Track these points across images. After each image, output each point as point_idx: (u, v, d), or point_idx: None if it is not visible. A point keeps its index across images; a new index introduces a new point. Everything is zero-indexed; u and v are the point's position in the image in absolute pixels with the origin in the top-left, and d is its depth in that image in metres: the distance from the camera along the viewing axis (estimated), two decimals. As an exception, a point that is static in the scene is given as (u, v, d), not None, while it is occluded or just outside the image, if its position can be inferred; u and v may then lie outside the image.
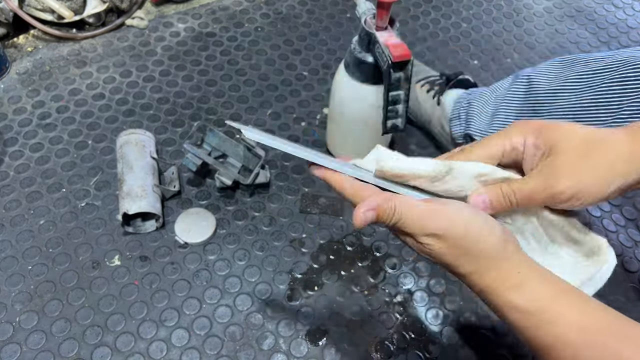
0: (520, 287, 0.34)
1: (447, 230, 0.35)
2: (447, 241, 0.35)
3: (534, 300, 0.34)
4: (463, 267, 0.36)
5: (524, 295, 0.34)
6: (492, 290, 0.36)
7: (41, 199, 0.83)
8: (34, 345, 0.69)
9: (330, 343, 0.71)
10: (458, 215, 0.35)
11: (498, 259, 0.35)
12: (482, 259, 0.35)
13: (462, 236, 0.35)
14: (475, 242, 0.35)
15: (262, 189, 0.86)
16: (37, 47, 1.04)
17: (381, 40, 0.65)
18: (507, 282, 0.35)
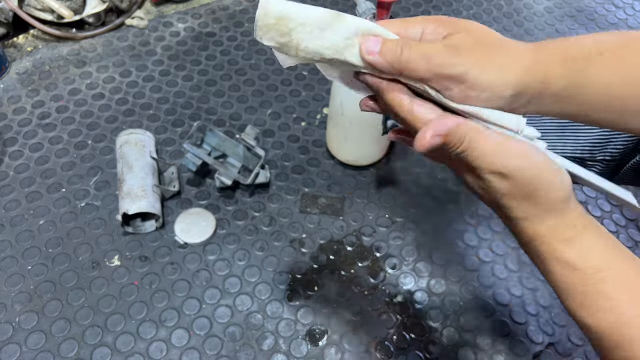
0: (573, 241, 0.33)
1: (517, 170, 0.32)
2: (513, 182, 0.32)
3: (586, 256, 0.33)
4: (519, 211, 0.34)
5: (574, 250, 0.33)
6: (542, 240, 0.34)
7: (41, 199, 0.83)
8: (34, 346, 0.69)
9: (330, 343, 0.71)
10: (532, 156, 0.32)
11: (560, 210, 0.33)
12: (543, 207, 0.33)
13: (530, 181, 0.32)
14: (543, 190, 0.33)
15: (262, 189, 0.86)
16: (37, 47, 1.04)
17: (381, 40, 0.65)
18: (561, 234, 0.34)
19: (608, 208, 0.88)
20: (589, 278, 0.33)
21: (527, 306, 0.76)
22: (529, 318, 0.75)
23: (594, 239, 0.34)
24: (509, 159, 0.32)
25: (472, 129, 0.32)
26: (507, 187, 0.33)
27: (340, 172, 0.89)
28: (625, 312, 0.32)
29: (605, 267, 0.33)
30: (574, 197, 0.34)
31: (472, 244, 0.82)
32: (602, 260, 0.33)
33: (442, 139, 0.32)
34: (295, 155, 0.91)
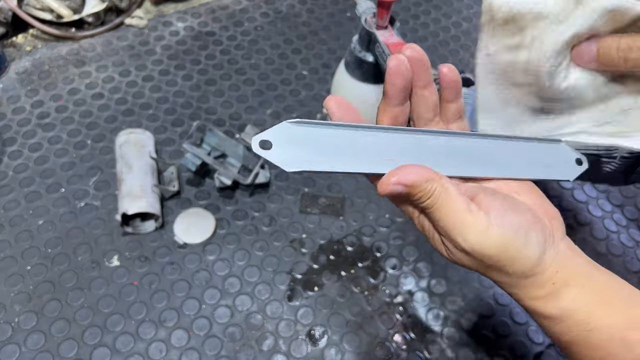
0: (552, 297, 0.32)
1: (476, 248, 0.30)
2: (473, 257, 0.31)
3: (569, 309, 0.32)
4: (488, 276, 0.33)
5: (556, 303, 0.32)
6: (521, 300, 0.34)
7: (40, 199, 0.82)
8: (33, 346, 0.69)
9: (330, 344, 0.71)
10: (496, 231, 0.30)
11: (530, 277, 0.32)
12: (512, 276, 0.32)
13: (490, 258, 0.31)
14: (506, 264, 0.31)
15: (262, 189, 0.85)
16: (36, 47, 1.04)
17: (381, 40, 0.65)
18: (538, 293, 0.33)
19: (609, 208, 0.88)
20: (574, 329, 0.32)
21: (527, 306, 0.76)
22: (529, 318, 0.75)
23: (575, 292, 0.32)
24: (469, 235, 0.30)
25: (443, 189, 0.30)
26: (469, 260, 0.32)
27: (341, 171, 0.89)
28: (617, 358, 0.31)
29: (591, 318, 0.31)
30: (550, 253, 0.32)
31: (473, 244, 0.82)
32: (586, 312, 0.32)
33: (405, 189, 0.30)
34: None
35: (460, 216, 0.30)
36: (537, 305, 0.33)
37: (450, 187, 0.31)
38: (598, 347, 0.31)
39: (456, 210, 0.30)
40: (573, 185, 0.90)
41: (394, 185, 0.30)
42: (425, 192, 0.30)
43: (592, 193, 0.89)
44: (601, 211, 0.87)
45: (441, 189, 0.30)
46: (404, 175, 0.30)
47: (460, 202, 0.30)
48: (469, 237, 0.30)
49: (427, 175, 0.30)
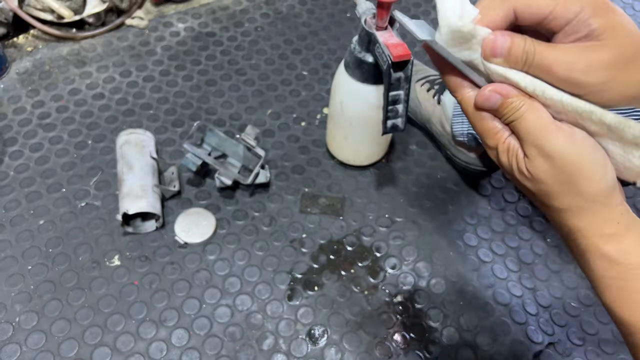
0: (616, 236, 0.33)
1: (559, 151, 0.31)
2: (554, 162, 0.32)
3: (627, 252, 0.33)
4: (559, 201, 0.33)
5: (616, 245, 0.33)
6: (582, 233, 0.34)
7: (41, 199, 0.83)
8: (34, 346, 0.69)
9: (330, 343, 0.71)
10: (579, 141, 0.32)
11: (602, 203, 0.33)
12: (583, 198, 0.32)
13: (571, 165, 0.32)
14: (584, 178, 0.32)
15: (262, 189, 0.86)
16: (37, 47, 1.04)
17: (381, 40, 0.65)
18: (602, 229, 0.33)
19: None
20: (629, 273, 0.33)
21: (527, 306, 0.76)
22: (528, 318, 0.75)
23: (637, 238, 0.33)
24: (555, 138, 0.32)
25: (531, 103, 0.32)
26: (548, 168, 0.32)
27: (340, 172, 0.89)
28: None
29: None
30: (618, 194, 0.34)
31: (472, 244, 0.82)
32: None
33: (500, 100, 0.33)
34: (295, 155, 0.91)
35: (547, 123, 0.32)
36: (599, 243, 0.33)
37: (536, 103, 0.33)
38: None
39: (543, 118, 0.32)
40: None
41: (492, 93, 0.33)
42: (516, 103, 0.32)
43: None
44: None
45: (530, 102, 0.32)
46: (499, 87, 0.33)
47: (547, 113, 0.32)
48: (555, 141, 0.32)
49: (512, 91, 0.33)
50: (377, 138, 0.82)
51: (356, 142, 0.84)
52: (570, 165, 0.32)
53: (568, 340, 0.74)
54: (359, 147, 0.85)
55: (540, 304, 0.77)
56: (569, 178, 0.32)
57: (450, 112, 0.85)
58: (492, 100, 0.33)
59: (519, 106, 0.32)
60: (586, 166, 0.32)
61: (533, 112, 0.32)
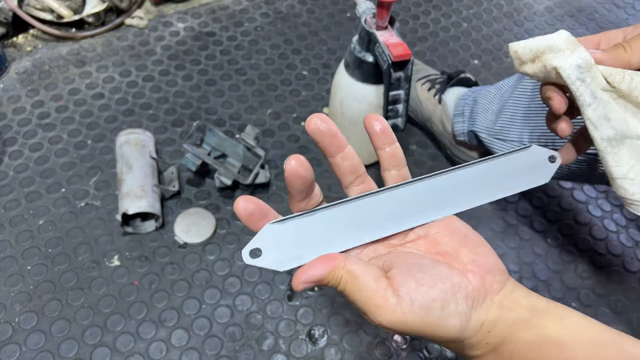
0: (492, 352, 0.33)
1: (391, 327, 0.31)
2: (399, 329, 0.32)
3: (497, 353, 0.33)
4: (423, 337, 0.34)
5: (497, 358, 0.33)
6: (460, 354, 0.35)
7: (40, 199, 0.82)
8: (34, 346, 0.69)
9: (330, 343, 0.71)
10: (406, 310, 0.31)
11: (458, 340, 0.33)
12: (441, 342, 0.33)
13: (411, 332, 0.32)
14: (431, 335, 0.32)
15: (262, 188, 0.86)
16: (37, 47, 1.04)
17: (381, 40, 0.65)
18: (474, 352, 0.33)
19: (609, 208, 0.88)
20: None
21: (527, 306, 0.76)
22: (529, 318, 0.75)
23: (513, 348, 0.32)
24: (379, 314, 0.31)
25: (347, 273, 0.32)
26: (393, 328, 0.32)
27: (340, 172, 0.89)
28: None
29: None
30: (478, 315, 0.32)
31: (472, 244, 0.82)
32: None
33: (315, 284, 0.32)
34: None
35: (369, 298, 0.31)
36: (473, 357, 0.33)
37: (357, 271, 0.32)
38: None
39: (365, 293, 0.31)
40: (573, 186, 0.90)
41: (305, 284, 0.32)
42: (333, 281, 0.32)
43: (592, 193, 0.89)
44: (601, 211, 0.88)
45: (347, 275, 0.32)
46: (311, 273, 0.32)
47: (369, 284, 0.31)
48: (381, 318, 0.31)
49: (332, 264, 0.32)
50: (377, 138, 0.82)
51: (356, 142, 0.83)
52: (410, 332, 0.31)
53: (568, 340, 0.74)
54: (359, 147, 0.85)
55: (540, 304, 0.77)
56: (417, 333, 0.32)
57: (451, 111, 0.85)
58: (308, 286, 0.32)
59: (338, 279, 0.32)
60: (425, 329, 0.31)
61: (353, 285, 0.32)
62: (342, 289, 0.32)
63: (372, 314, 0.31)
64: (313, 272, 0.32)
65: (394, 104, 0.69)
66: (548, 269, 0.80)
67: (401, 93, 0.68)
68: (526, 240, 0.83)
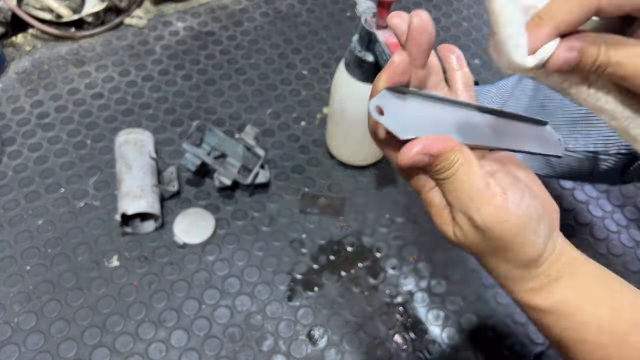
0: (544, 289, 0.32)
1: (488, 224, 0.29)
2: (486, 238, 0.30)
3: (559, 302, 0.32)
4: (487, 263, 0.33)
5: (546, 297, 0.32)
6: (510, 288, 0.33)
7: (40, 199, 0.82)
8: (33, 346, 0.68)
9: (330, 344, 0.71)
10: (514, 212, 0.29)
11: (530, 266, 0.32)
12: (512, 264, 0.32)
13: (504, 241, 0.30)
14: (515, 250, 0.30)
15: (262, 188, 0.85)
16: (36, 46, 1.04)
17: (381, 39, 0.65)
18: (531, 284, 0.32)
19: (609, 208, 0.88)
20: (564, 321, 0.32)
21: (527, 306, 0.76)
22: (529, 318, 0.75)
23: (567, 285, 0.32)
24: (486, 209, 0.29)
25: (465, 160, 0.29)
26: (476, 237, 0.31)
27: (340, 172, 0.89)
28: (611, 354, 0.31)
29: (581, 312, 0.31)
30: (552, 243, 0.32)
31: (473, 244, 0.82)
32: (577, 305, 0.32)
33: (429, 159, 0.29)
34: (295, 155, 0.90)
35: (478, 189, 0.29)
36: (529, 298, 0.33)
37: (473, 160, 0.30)
38: (587, 340, 0.31)
39: (475, 182, 0.29)
40: (573, 185, 0.90)
41: (419, 155, 0.29)
42: (448, 162, 0.30)
43: (593, 193, 0.89)
44: (601, 211, 0.87)
45: (463, 160, 0.30)
46: (429, 145, 0.29)
47: (480, 175, 0.29)
48: (485, 212, 0.29)
49: (452, 145, 0.30)
50: (377, 138, 0.82)
51: (356, 141, 0.83)
52: (499, 239, 0.30)
53: (569, 340, 0.74)
54: (359, 147, 0.85)
55: (541, 305, 0.76)
56: (497, 249, 0.31)
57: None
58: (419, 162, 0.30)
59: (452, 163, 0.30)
60: (516, 239, 0.30)
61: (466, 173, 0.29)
62: (449, 175, 0.30)
63: (476, 209, 0.29)
64: (430, 145, 0.29)
65: (394, 103, 0.68)
66: (549, 269, 0.80)
67: (401, 93, 0.68)
68: (527, 241, 0.83)
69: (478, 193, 0.29)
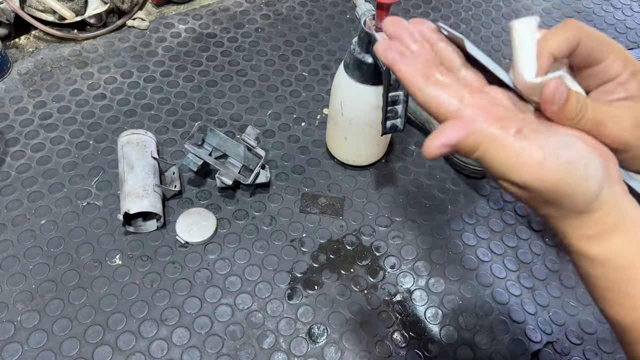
0: (599, 237, 0.32)
1: (532, 183, 0.30)
2: (529, 192, 0.31)
3: (612, 252, 0.32)
4: (540, 210, 0.33)
5: (601, 246, 0.32)
6: (566, 235, 0.33)
7: (42, 199, 0.83)
8: (35, 345, 0.69)
9: (330, 342, 0.72)
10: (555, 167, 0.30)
11: (584, 211, 0.32)
12: (566, 210, 0.32)
13: (547, 193, 0.30)
14: (562, 199, 0.31)
15: (263, 188, 0.86)
16: (39, 48, 1.04)
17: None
18: (586, 231, 0.32)
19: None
20: (613, 274, 0.32)
21: (525, 305, 0.77)
22: (527, 317, 0.76)
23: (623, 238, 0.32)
24: (524, 171, 0.30)
25: (486, 137, 0.31)
26: (524, 194, 0.32)
27: (340, 172, 0.89)
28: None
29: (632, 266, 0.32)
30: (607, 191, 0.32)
31: (471, 243, 0.82)
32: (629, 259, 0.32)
33: (451, 149, 0.31)
34: (296, 155, 0.91)
35: (513, 155, 0.30)
36: (582, 244, 0.33)
37: (496, 132, 0.31)
38: (632, 296, 0.31)
39: (507, 151, 0.30)
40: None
41: (441, 148, 0.31)
42: (471, 145, 0.31)
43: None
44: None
45: (486, 138, 0.31)
46: (447, 137, 0.31)
47: (510, 142, 0.30)
48: (525, 174, 0.30)
49: (468, 129, 0.31)
50: (377, 138, 0.83)
51: (356, 142, 0.84)
52: (548, 192, 0.31)
53: (566, 339, 0.75)
54: (359, 147, 0.86)
55: (538, 303, 0.77)
56: (548, 200, 0.31)
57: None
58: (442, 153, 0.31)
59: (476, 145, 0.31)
60: (566, 189, 0.30)
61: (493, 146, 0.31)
62: (480, 155, 0.31)
63: (516, 174, 0.30)
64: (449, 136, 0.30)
65: (393, 105, 0.69)
66: (546, 268, 0.81)
67: (400, 94, 0.69)
68: (525, 240, 0.84)
69: (513, 160, 0.30)
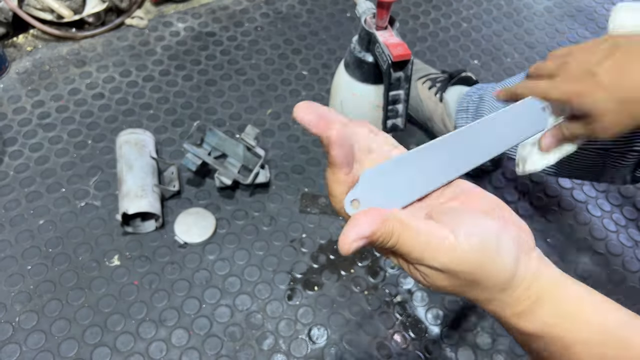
0: (528, 312, 0.32)
1: (451, 268, 0.30)
2: (450, 277, 0.31)
3: (545, 324, 0.32)
4: (468, 294, 0.33)
5: (531, 320, 0.32)
6: (498, 315, 0.34)
7: (41, 198, 0.83)
8: (34, 345, 0.69)
9: (330, 343, 0.71)
10: (469, 249, 0.30)
11: (507, 289, 0.32)
12: (489, 291, 0.32)
13: (470, 275, 0.31)
14: (485, 277, 0.31)
15: (262, 188, 0.86)
16: (37, 47, 1.04)
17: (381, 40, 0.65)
18: (514, 308, 0.32)
19: (608, 208, 0.88)
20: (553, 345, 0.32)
21: (527, 306, 0.76)
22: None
23: (549, 308, 0.32)
24: (439, 255, 0.30)
25: (399, 223, 0.30)
26: (447, 280, 0.31)
27: (340, 171, 0.89)
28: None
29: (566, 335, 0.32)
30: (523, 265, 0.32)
31: (472, 243, 0.82)
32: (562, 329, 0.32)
33: (366, 241, 0.30)
34: (295, 155, 0.91)
35: (426, 241, 0.30)
36: (515, 322, 0.33)
37: (407, 219, 0.31)
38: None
39: (421, 237, 0.30)
40: (572, 185, 0.90)
41: (357, 242, 0.30)
42: (385, 235, 0.30)
43: (592, 193, 0.89)
44: (600, 211, 0.88)
45: (400, 225, 0.31)
46: (361, 229, 0.30)
47: (423, 228, 0.31)
48: (440, 257, 0.30)
49: (381, 217, 0.30)
50: (377, 138, 0.82)
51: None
52: (466, 274, 0.31)
53: (568, 340, 0.74)
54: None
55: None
56: (468, 282, 0.31)
57: (453, 109, 0.85)
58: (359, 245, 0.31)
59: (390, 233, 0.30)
60: (483, 267, 0.31)
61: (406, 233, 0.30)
62: (393, 243, 0.31)
63: (431, 258, 0.30)
64: (363, 228, 0.30)
65: (394, 104, 0.69)
66: (548, 268, 0.80)
67: (401, 93, 0.68)
68: (526, 240, 0.83)
69: (429, 245, 0.30)
